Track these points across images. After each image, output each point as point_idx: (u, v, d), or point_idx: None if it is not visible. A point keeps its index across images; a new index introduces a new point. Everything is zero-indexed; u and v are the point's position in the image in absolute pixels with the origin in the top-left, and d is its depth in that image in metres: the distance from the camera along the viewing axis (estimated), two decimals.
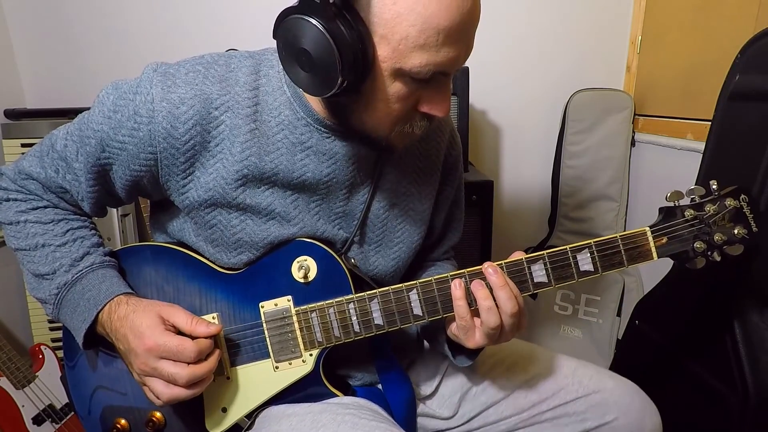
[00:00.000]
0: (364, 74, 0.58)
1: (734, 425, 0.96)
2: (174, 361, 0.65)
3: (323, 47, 0.55)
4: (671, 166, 1.64)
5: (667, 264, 0.83)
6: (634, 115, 1.78)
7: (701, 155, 1.10)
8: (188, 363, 0.65)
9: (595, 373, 0.84)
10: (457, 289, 0.68)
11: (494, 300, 0.67)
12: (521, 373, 0.85)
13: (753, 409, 0.93)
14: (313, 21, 0.55)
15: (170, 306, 0.70)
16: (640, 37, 1.79)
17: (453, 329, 0.72)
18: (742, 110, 1.01)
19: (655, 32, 1.74)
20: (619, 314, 1.77)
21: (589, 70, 1.86)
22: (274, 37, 0.60)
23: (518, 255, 0.70)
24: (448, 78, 0.64)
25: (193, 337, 0.67)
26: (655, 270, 1.61)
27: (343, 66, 0.56)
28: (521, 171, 1.97)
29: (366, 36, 0.56)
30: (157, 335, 0.65)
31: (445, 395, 0.88)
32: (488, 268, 0.68)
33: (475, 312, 0.68)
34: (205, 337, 0.67)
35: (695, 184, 0.71)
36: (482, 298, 0.67)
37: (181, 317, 0.68)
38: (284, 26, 0.57)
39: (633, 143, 1.81)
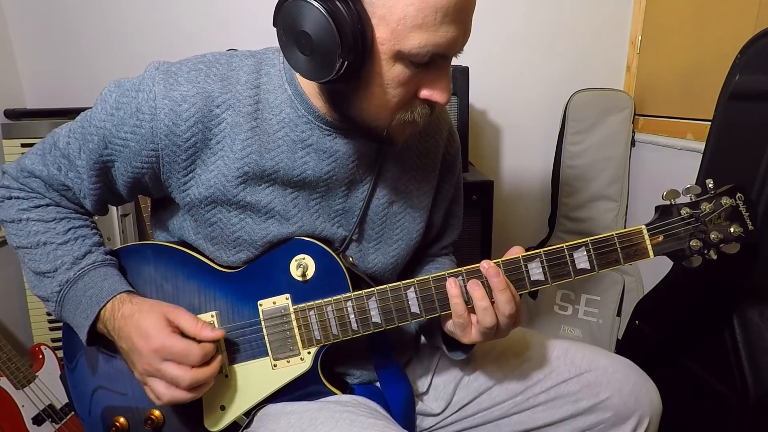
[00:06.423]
0: (363, 57, 0.58)
1: (734, 425, 0.96)
2: (178, 363, 0.65)
3: (322, 27, 0.56)
4: (671, 166, 1.64)
5: (667, 264, 0.83)
6: (634, 115, 1.78)
7: (701, 155, 1.10)
8: (192, 366, 0.65)
9: (588, 353, 0.83)
10: (453, 287, 0.68)
11: (491, 300, 0.67)
12: (513, 357, 0.85)
13: (753, 409, 0.93)
14: (312, 1, 0.55)
15: (175, 308, 0.70)
16: (640, 37, 1.79)
17: (449, 325, 0.72)
18: (742, 110, 1.01)
19: (655, 32, 1.74)
20: (619, 314, 1.77)
21: (589, 70, 1.86)
22: (275, 24, 0.60)
23: (516, 251, 0.70)
24: (448, 62, 0.64)
25: (197, 341, 0.67)
26: (655, 270, 1.61)
27: (343, 47, 0.56)
28: (521, 171, 1.97)
29: (364, 16, 0.57)
30: (164, 337, 0.65)
31: (439, 387, 0.88)
32: (489, 269, 0.67)
33: (471, 309, 0.68)
34: (210, 341, 0.68)
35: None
36: (479, 299, 0.67)
37: (186, 320, 0.68)
38: (284, 11, 0.58)
39: (633, 143, 1.81)
